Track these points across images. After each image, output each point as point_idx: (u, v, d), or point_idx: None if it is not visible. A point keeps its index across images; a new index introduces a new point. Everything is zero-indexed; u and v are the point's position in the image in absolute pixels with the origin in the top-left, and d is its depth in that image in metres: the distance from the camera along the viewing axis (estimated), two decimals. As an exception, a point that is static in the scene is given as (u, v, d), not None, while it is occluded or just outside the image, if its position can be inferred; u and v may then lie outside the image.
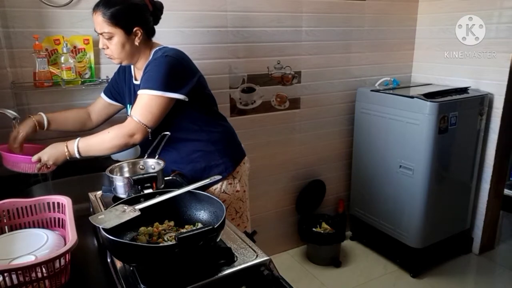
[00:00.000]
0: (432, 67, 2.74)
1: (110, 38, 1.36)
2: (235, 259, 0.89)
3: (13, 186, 1.46)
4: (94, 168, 1.61)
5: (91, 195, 1.27)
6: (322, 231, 2.52)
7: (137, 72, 1.53)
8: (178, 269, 0.82)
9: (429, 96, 2.21)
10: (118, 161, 1.39)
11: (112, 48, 1.38)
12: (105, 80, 1.80)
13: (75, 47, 1.74)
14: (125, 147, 1.37)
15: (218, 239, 0.87)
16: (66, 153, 1.33)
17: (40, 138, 1.74)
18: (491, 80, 2.41)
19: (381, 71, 2.72)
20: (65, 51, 1.68)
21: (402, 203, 2.38)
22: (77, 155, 1.33)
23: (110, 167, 1.24)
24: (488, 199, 2.53)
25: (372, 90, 2.51)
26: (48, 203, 1.06)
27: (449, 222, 2.48)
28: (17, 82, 1.66)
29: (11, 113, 1.43)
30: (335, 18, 2.44)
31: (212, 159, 1.51)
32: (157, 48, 1.45)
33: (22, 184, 1.51)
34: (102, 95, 1.66)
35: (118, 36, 1.36)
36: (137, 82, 1.50)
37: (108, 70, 1.83)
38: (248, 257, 0.90)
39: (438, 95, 2.26)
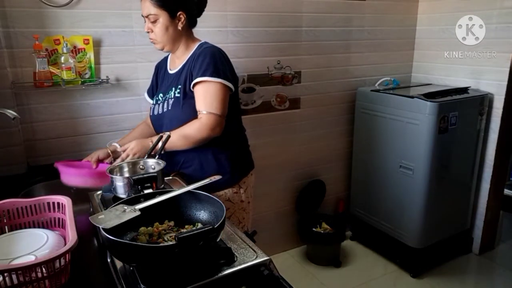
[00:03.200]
0: (432, 67, 2.74)
1: (155, 21, 1.41)
2: (235, 259, 0.89)
3: (13, 186, 1.46)
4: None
5: (91, 195, 1.27)
6: (322, 231, 2.52)
7: (173, 61, 1.56)
8: (178, 269, 0.82)
9: (429, 96, 2.21)
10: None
11: (156, 31, 1.43)
12: (105, 80, 1.80)
13: (75, 47, 1.74)
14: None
15: (218, 239, 0.87)
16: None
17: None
18: (491, 80, 2.41)
19: (381, 71, 2.72)
20: (65, 51, 1.68)
21: (402, 203, 2.38)
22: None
23: (110, 167, 1.25)
24: (488, 199, 2.53)
25: (372, 90, 2.51)
26: (48, 203, 1.06)
27: (449, 222, 2.48)
28: (17, 82, 1.66)
29: (11, 113, 1.43)
30: (335, 18, 2.44)
31: (221, 166, 1.51)
32: (202, 41, 1.52)
33: (22, 184, 1.50)
34: (147, 97, 1.69)
35: (163, 18, 1.41)
36: (172, 72, 1.53)
37: (108, 70, 1.84)
38: (248, 257, 0.90)
39: (438, 95, 2.26)
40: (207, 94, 1.39)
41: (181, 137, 1.37)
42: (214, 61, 1.39)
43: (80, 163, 1.50)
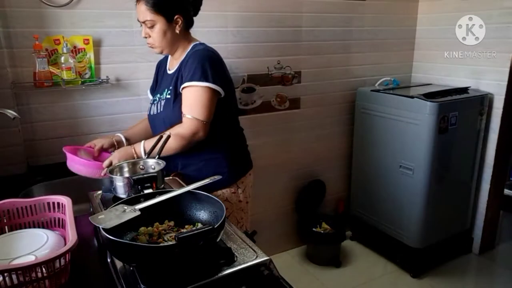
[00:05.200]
0: (432, 67, 2.74)
1: (152, 27, 1.41)
2: (235, 259, 0.89)
3: (13, 186, 1.46)
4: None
5: (91, 195, 1.27)
6: (322, 231, 2.52)
7: (172, 62, 1.56)
8: (178, 269, 0.82)
9: (429, 96, 2.21)
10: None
11: (154, 36, 1.42)
12: (105, 80, 1.80)
13: (75, 47, 1.74)
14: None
15: (218, 239, 0.87)
16: (134, 155, 1.39)
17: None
18: (491, 80, 2.41)
19: (381, 71, 2.72)
20: (65, 51, 1.68)
21: (402, 203, 2.38)
22: (144, 156, 1.37)
23: (110, 167, 1.25)
24: (488, 199, 2.53)
25: (372, 90, 2.51)
26: (48, 203, 1.06)
27: (449, 222, 2.48)
28: (17, 82, 1.66)
29: (11, 113, 1.43)
30: (335, 18, 2.44)
31: (219, 167, 1.51)
32: (197, 42, 1.51)
33: (22, 184, 1.51)
34: (149, 95, 1.69)
35: (160, 23, 1.40)
36: (170, 72, 1.53)
37: (108, 70, 1.84)
38: (248, 257, 0.90)
39: (438, 95, 2.26)
40: (192, 98, 1.39)
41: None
42: (202, 65, 1.38)
43: (84, 149, 1.51)
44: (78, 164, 1.38)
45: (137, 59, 1.90)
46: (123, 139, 1.57)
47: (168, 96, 1.47)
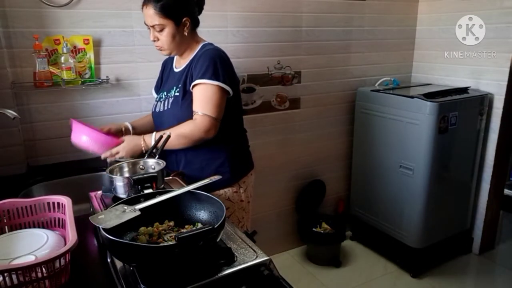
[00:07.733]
0: (432, 67, 2.74)
1: (161, 30, 1.41)
2: (235, 259, 0.89)
3: (13, 186, 1.46)
4: (94, 168, 1.61)
5: (91, 195, 1.27)
6: (322, 231, 2.52)
7: (179, 61, 1.57)
8: (178, 269, 0.82)
9: (429, 96, 2.21)
10: (118, 161, 1.39)
11: (162, 39, 1.43)
12: (105, 80, 1.80)
13: (75, 47, 1.74)
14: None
15: (218, 239, 0.87)
16: (143, 146, 1.40)
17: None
18: (491, 80, 2.41)
19: (381, 71, 2.72)
20: (65, 51, 1.68)
21: (402, 203, 2.38)
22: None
23: (110, 167, 1.25)
24: (488, 199, 2.53)
25: (372, 90, 2.51)
26: (48, 203, 1.06)
27: (449, 222, 2.48)
28: (17, 82, 1.66)
29: (11, 113, 1.43)
30: (335, 18, 2.44)
31: (221, 166, 1.51)
32: (206, 42, 1.53)
33: (22, 184, 1.51)
34: (154, 94, 1.69)
35: (169, 27, 1.41)
36: (177, 70, 1.54)
37: (108, 70, 1.84)
38: (248, 257, 0.90)
39: (438, 95, 2.26)
40: (204, 96, 1.39)
41: (176, 136, 1.38)
42: (213, 64, 1.39)
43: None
44: (85, 134, 1.38)
45: (137, 59, 1.90)
46: (130, 128, 1.60)
47: (177, 94, 1.48)
